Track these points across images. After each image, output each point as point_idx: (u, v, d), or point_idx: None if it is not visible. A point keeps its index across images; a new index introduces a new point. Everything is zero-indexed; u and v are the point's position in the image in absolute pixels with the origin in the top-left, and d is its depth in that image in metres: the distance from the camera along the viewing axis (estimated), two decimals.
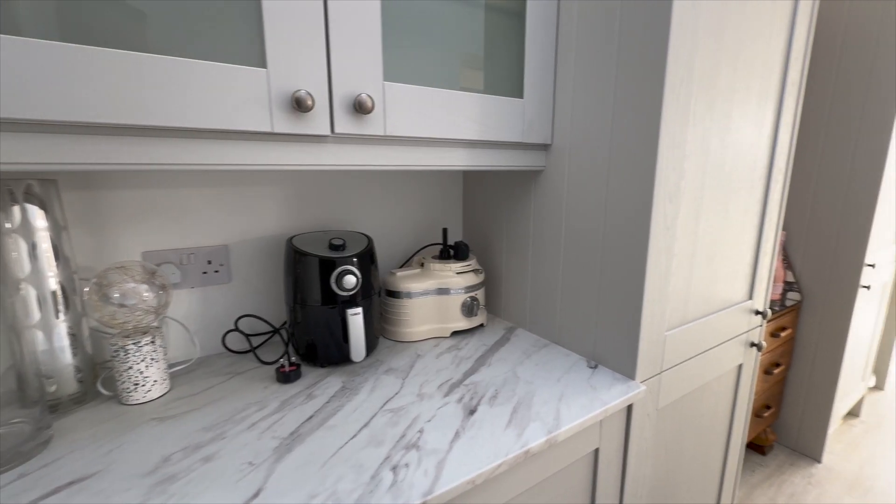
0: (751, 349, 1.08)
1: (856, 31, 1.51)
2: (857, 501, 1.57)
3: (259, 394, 0.73)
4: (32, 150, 0.46)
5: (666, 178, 0.72)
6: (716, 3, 0.72)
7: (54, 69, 0.44)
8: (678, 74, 0.68)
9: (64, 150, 0.48)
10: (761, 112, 0.89)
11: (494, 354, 0.89)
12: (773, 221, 1.02)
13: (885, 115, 1.47)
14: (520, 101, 0.81)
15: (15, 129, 0.45)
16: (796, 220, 1.73)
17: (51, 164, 0.47)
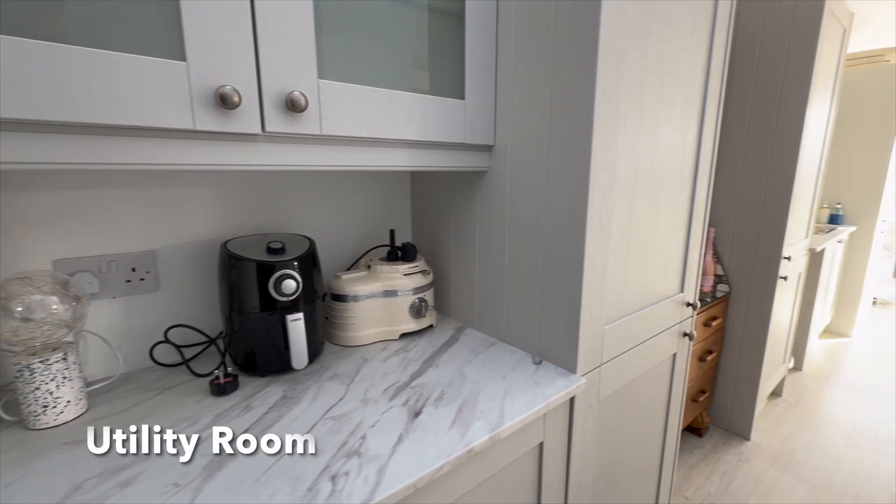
0: (683, 339, 1.16)
1: (770, 44, 1.66)
2: (779, 473, 1.72)
3: (191, 409, 0.68)
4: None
5: (600, 179, 0.75)
6: (641, 13, 0.76)
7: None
8: (608, 79, 0.71)
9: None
10: (686, 117, 0.96)
11: (443, 355, 0.89)
12: (699, 219, 1.10)
13: (795, 123, 1.63)
14: (461, 103, 0.82)
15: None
16: (724, 217, 1.87)
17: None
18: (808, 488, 1.64)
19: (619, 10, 0.70)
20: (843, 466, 1.76)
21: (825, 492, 1.62)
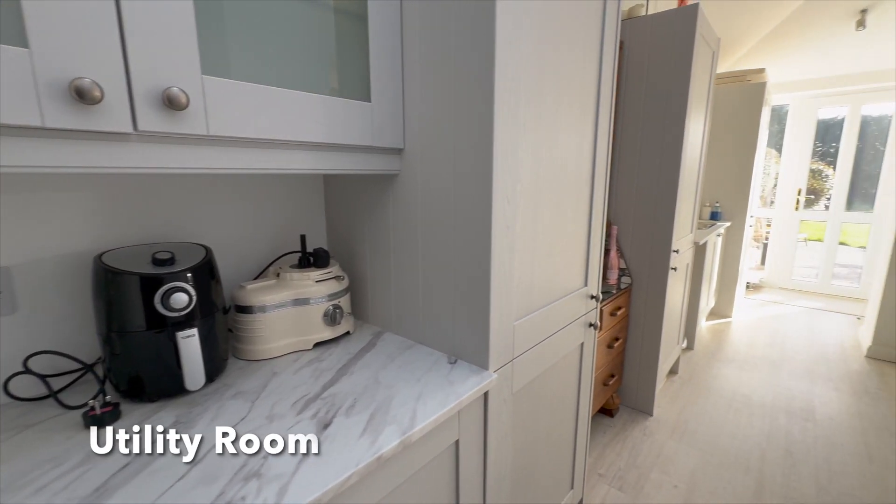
0: (590, 329, 1.25)
1: (655, 64, 1.87)
2: (676, 442, 1.93)
3: (57, 447, 0.59)
4: None
5: (503, 182, 0.78)
6: (536, 25, 0.81)
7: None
8: (507, 86, 0.75)
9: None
10: (582, 125, 1.04)
11: (359, 362, 0.87)
12: (598, 219, 1.20)
13: (677, 133, 1.85)
14: (368, 105, 0.81)
15: None
16: (624, 215, 2.07)
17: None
18: (699, 453, 1.86)
19: (514, 23, 0.74)
20: (726, 430, 2.03)
21: (712, 454, 1.85)
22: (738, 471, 1.75)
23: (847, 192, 4.25)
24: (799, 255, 4.59)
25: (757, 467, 1.77)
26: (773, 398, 2.32)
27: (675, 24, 1.80)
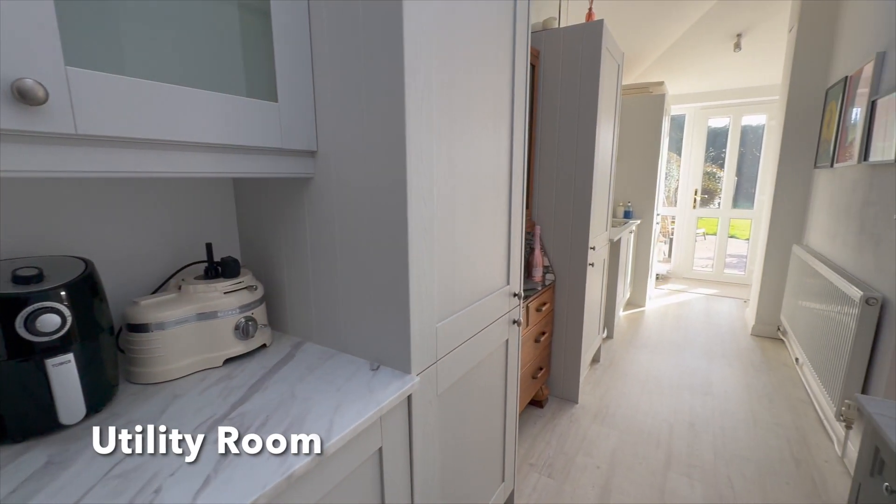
0: (513, 326, 1.30)
1: (568, 75, 2.00)
2: (598, 425, 2.08)
3: None
4: None
5: (419, 185, 0.79)
6: (446, 31, 0.83)
7: None
8: (418, 90, 0.75)
9: None
10: (497, 130, 1.08)
11: (274, 376, 0.82)
12: (518, 220, 1.25)
13: (589, 139, 1.99)
14: (274, 105, 0.77)
15: None
16: (547, 216, 2.18)
17: None
18: (618, 433, 2.02)
19: (423, 30, 0.75)
20: (640, 409, 2.22)
21: (629, 433, 2.01)
22: (651, 446, 1.92)
23: (733, 192, 4.86)
24: (698, 248, 5.17)
25: (666, 441, 1.95)
26: (679, 378, 2.58)
27: (584, 38, 1.94)
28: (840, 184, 2.33)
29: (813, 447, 1.90)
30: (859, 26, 2.27)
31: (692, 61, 4.17)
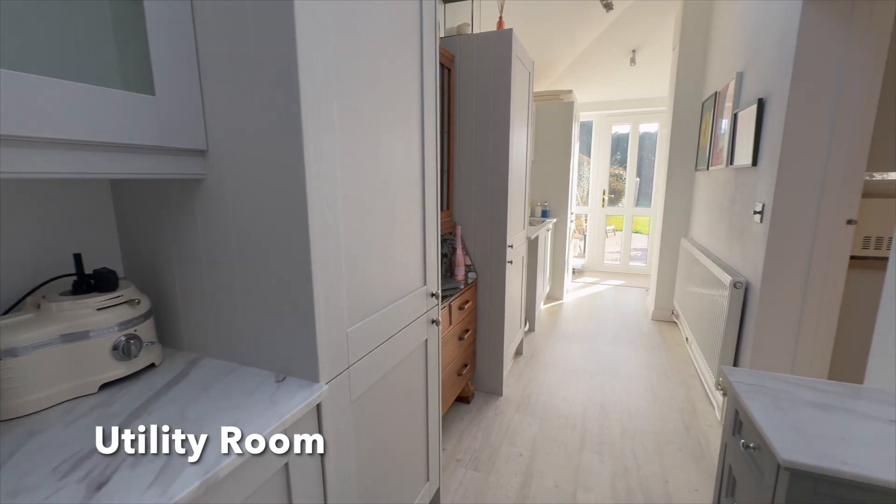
0: (432, 325, 1.32)
1: (482, 81, 2.07)
2: (521, 415, 2.18)
3: None
4: None
5: (319, 185, 0.76)
6: (345, 27, 0.81)
7: None
8: (315, 85, 0.73)
9: None
10: (408, 131, 1.08)
11: (162, 398, 0.74)
12: (433, 220, 1.27)
13: (503, 142, 2.08)
14: (151, 99, 0.69)
15: None
16: (467, 217, 2.24)
17: None
18: (539, 421, 2.13)
19: (316, 19, 0.72)
20: (559, 396, 2.37)
21: (548, 419, 2.14)
22: (568, 429, 2.05)
23: (635, 192, 5.39)
24: (608, 244, 5.66)
25: (581, 423, 2.11)
26: (593, 363, 2.80)
27: (496, 44, 2.02)
28: (714, 185, 2.69)
29: (700, 415, 2.17)
30: (725, 49, 2.64)
31: (596, 73, 4.55)
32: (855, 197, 1.57)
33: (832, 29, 1.51)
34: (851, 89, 1.51)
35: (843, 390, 0.95)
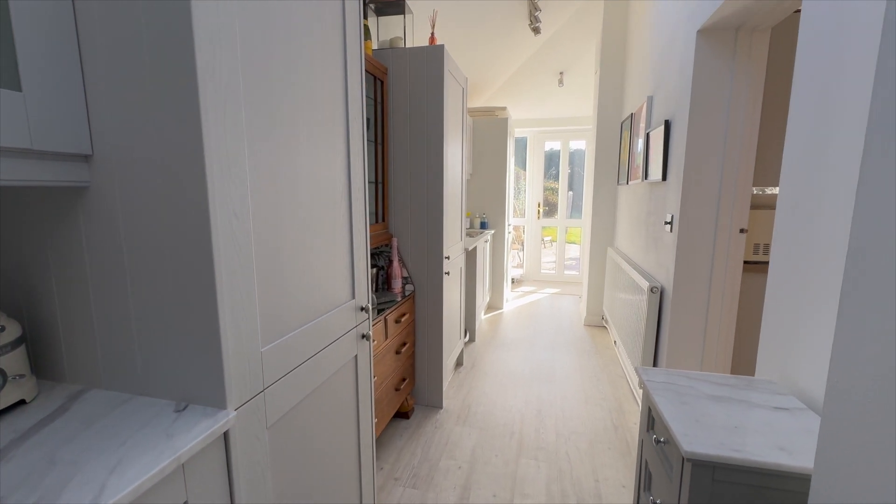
0: (363, 340, 1.27)
1: (416, 96, 2.08)
2: (461, 426, 2.17)
3: None
4: None
5: (226, 195, 0.71)
6: (254, 22, 0.77)
7: None
8: (218, 89, 0.68)
9: None
10: (331, 140, 1.05)
11: (28, 441, 0.64)
12: (361, 231, 1.24)
13: (438, 155, 2.10)
14: (17, 95, 0.61)
15: None
16: (403, 229, 2.22)
17: None
18: (479, 431, 2.14)
19: (217, 12, 0.68)
20: (498, 405, 2.40)
21: (488, 429, 2.15)
22: (506, 437, 2.08)
23: (568, 205, 5.71)
24: (545, 254, 5.91)
25: (518, 430, 2.14)
26: (531, 370, 2.88)
27: (428, 59, 2.05)
28: (633, 198, 2.91)
29: (626, 413, 2.30)
30: (638, 74, 2.90)
31: (528, 91, 4.79)
32: (745, 208, 1.78)
33: (720, 60, 1.72)
34: (737, 113, 1.72)
35: (738, 382, 1.05)
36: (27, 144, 0.62)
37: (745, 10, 1.53)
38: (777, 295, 1.15)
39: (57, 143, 0.66)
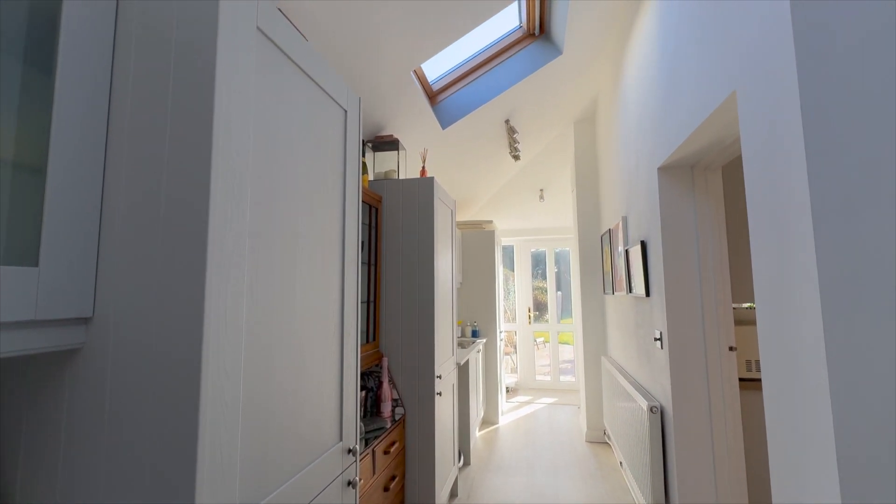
0: (349, 488, 1.17)
1: (407, 216, 2.24)
2: None
3: None
4: None
5: (220, 352, 0.71)
6: (264, 180, 0.86)
7: None
8: (223, 253, 0.73)
9: None
10: (327, 281, 1.10)
11: None
12: (352, 361, 1.22)
13: (428, 268, 2.18)
14: (32, 271, 0.64)
15: None
16: (394, 345, 2.19)
17: None
18: None
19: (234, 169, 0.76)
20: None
21: None
22: None
23: (558, 307, 5.75)
24: (538, 356, 5.77)
25: None
26: (531, 497, 2.61)
27: (420, 189, 2.25)
28: (620, 308, 2.97)
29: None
30: (611, 196, 3.18)
31: (512, 206, 5.16)
32: (730, 325, 1.82)
33: (682, 193, 1.92)
34: (706, 238, 1.86)
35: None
36: (31, 316, 0.64)
37: (695, 153, 1.76)
38: (776, 418, 1.13)
39: (61, 311, 0.68)
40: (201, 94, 0.72)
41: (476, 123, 3.09)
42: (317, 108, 1.08)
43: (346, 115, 1.24)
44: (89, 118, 0.73)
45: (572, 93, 3.38)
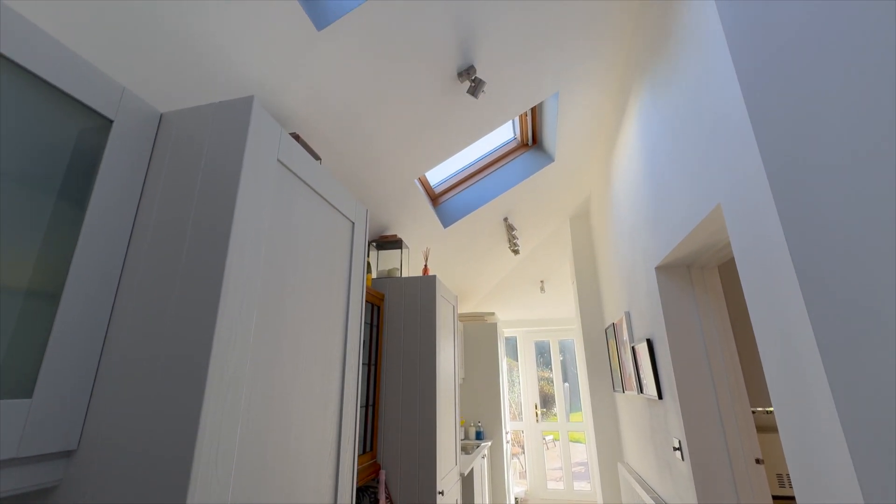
0: None
1: (412, 314, 2.23)
2: None
3: None
4: None
5: (208, 488, 0.66)
6: (272, 294, 0.87)
7: None
8: (222, 383, 0.72)
9: None
10: (326, 392, 1.06)
11: None
12: (346, 487, 1.12)
13: (430, 366, 2.11)
14: (24, 403, 0.63)
15: None
16: (393, 458, 2.03)
17: None
18: None
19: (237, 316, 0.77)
20: None
21: None
22: None
23: (566, 401, 5.43)
24: (549, 458, 5.28)
25: None
26: None
27: (422, 287, 2.28)
28: (633, 409, 2.81)
29: None
30: (612, 290, 3.21)
31: (513, 297, 5.18)
32: (752, 434, 1.70)
33: (682, 290, 1.93)
34: (711, 335, 1.83)
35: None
36: (13, 454, 0.61)
37: (690, 255, 1.81)
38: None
39: (45, 446, 0.65)
40: (216, 247, 0.77)
41: (476, 222, 3.23)
42: (326, 221, 1.14)
43: (353, 227, 1.31)
44: (110, 249, 0.77)
45: (566, 193, 3.60)
